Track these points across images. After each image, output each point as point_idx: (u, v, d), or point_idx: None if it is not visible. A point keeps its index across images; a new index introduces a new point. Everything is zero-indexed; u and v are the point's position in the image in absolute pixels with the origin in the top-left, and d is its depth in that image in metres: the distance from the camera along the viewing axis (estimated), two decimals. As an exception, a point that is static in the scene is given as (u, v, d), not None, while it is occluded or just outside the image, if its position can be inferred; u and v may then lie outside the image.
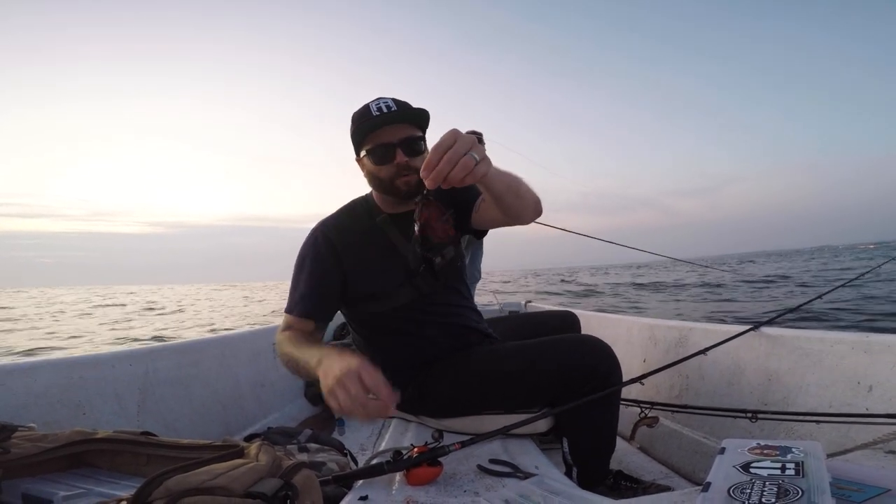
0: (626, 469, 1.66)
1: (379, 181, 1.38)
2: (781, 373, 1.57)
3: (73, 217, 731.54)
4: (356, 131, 1.37)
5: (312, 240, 1.45)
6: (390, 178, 1.35)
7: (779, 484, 0.73)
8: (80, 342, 10.23)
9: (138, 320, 16.96)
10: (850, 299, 9.32)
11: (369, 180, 1.44)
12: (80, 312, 21.70)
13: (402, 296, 1.44)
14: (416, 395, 1.45)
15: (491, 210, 1.39)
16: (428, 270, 1.42)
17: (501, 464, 1.19)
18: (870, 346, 1.36)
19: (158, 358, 1.90)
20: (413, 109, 1.35)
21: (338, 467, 1.44)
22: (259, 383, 2.49)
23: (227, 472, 0.82)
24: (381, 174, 1.36)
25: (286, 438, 1.58)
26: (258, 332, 2.71)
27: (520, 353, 1.40)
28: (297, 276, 1.43)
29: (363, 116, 1.35)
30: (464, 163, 0.98)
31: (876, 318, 7.80)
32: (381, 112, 1.32)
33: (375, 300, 1.44)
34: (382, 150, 1.33)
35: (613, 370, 1.34)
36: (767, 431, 1.51)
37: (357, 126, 1.36)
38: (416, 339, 1.43)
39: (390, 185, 1.37)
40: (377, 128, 1.33)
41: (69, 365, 1.60)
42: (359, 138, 1.37)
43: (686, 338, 2.01)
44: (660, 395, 2.05)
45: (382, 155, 1.33)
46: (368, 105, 1.35)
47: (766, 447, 0.88)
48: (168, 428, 1.82)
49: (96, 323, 15.63)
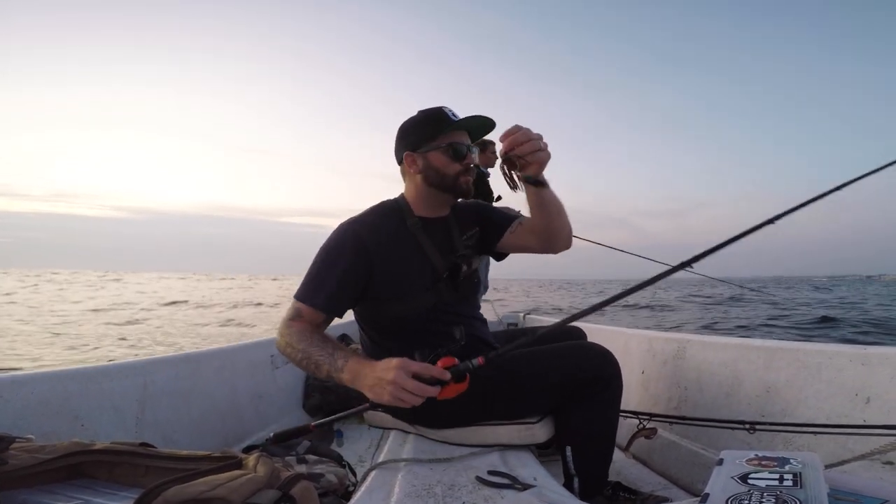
0: (624, 480, 1.66)
1: (443, 177, 1.43)
2: (780, 384, 1.57)
3: (33, 197, 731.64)
4: (432, 126, 1.42)
5: (343, 234, 1.41)
6: (456, 176, 1.43)
7: (776, 495, 0.73)
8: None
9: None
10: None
11: (427, 176, 1.44)
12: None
13: (424, 300, 1.44)
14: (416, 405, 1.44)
15: (526, 235, 1.53)
16: (451, 278, 1.46)
17: (500, 475, 1.19)
18: (867, 359, 1.36)
19: (157, 370, 1.90)
20: (489, 123, 1.47)
21: (336, 479, 1.44)
22: (258, 395, 2.48)
23: (225, 483, 0.82)
24: (449, 170, 1.42)
25: (284, 450, 1.58)
26: (257, 343, 2.71)
27: (524, 360, 1.40)
28: (320, 267, 1.39)
29: (440, 116, 1.41)
30: (535, 143, 1.21)
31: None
32: (455, 117, 1.42)
33: (397, 302, 1.43)
34: (457, 149, 1.41)
35: (615, 376, 1.34)
36: (765, 443, 1.51)
37: (435, 122, 1.42)
38: (428, 346, 1.40)
39: (454, 182, 1.43)
40: (458, 129, 1.43)
41: (67, 377, 1.60)
42: (433, 133, 1.42)
43: (684, 350, 2.02)
44: (658, 407, 2.05)
45: (457, 152, 1.41)
46: (441, 108, 1.43)
47: (764, 458, 0.88)
48: (166, 439, 1.81)
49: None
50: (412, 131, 1.45)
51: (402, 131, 1.48)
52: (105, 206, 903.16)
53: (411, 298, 1.43)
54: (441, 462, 1.31)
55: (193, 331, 12.40)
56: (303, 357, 1.28)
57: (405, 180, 1.52)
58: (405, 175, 1.51)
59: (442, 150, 1.42)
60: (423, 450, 1.41)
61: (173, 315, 16.82)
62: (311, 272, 1.39)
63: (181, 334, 11.60)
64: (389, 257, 1.40)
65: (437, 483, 1.18)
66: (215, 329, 12.99)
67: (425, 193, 1.48)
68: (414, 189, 1.50)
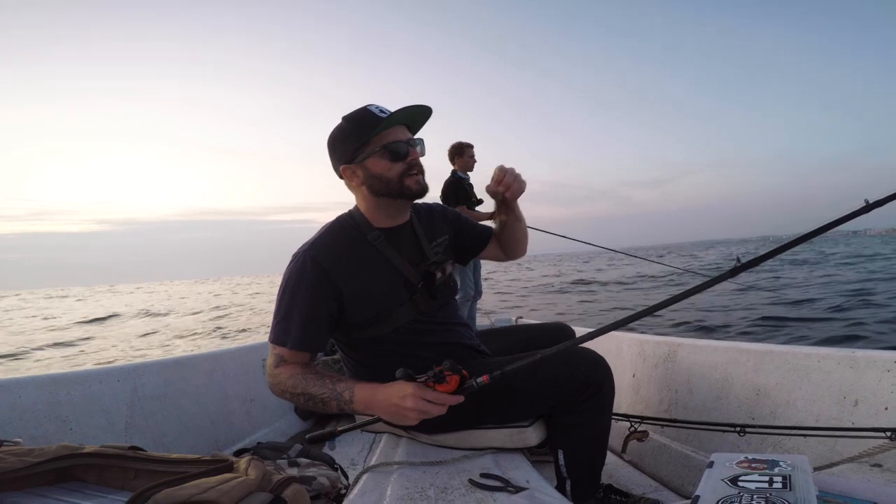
0: (616, 483, 1.66)
1: (387, 182, 1.33)
2: (769, 387, 1.58)
3: (13, 218, 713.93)
4: (361, 131, 1.31)
5: (301, 266, 1.32)
6: (400, 177, 1.33)
7: (766, 497, 0.74)
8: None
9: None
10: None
11: (371, 185, 1.35)
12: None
13: (402, 315, 1.39)
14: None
15: (495, 247, 1.68)
16: (426, 287, 1.41)
17: (493, 478, 1.19)
18: (855, 362, 1.38)
19: (146, 374, 1.89)
20: (426, 111, 1.37)
21: (328, 482, 1.43)
22: (248, 398, 2.47)
23: (216, 486, 0.82)
24: (390, 173, 1.32)
25: (276, 453, 1.57)
26: (247, 347, 2.70)
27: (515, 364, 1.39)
28: (286, 306, 1.32)
29: (367, 118, 1.31)
30: (520, 182, 1.41)
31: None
32: (384, 113, 1.31)
33: (375, 324, 1.38)
34: (394, 148, 1.31)
35: (606, 380, 1.34)
36: (755, 445, 1.52)
37: (362, 126, 1.31)
38: (412, 359, 1.35)
39: (399, 184, 1.34)
40: (392, 125, 1.32)
41: (55, 381, 1.58)
42: (364, 139, 1.31)
43: (675, 353, 2.03)
44: (649, 410, 2.06)
45: (395, 151, 1.31)
46: (367, 108, 1.32)
47: (754, 461, 0.89)
48: (156, 443, 1.80)
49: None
50: (342, 141, 1.35)
51: (331, 144, 1.38)
52: (86, 220, 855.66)
53: (388, 316, 1.38)
54: (433, 465, 1.31)
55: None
56: (306, 399, 1.27)
57: (353, 193, 1.44)
58: (350, 189, 1.43)
59: (378, 153, 1.31)
60: (416, 453, 1.41)
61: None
62: (279, 311, 1.33)
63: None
64: (356, 278, 1.34)
65: (429, 486, 1.18)
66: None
67: (376, 204, 1.39)
68: (363, 201, 1.41)
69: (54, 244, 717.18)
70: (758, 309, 9.43)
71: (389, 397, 1.16)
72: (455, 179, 4.27)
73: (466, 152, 4.36)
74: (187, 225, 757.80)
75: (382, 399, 1.18)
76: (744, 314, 8.99)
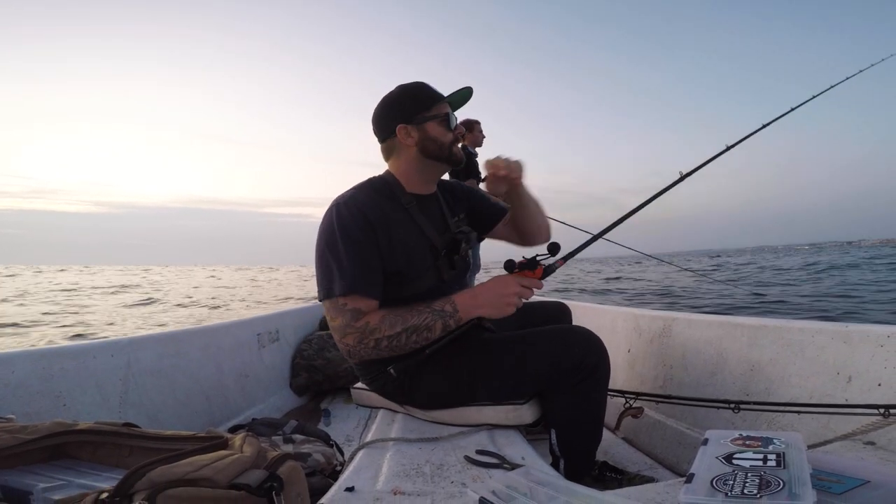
0: (610, 460, 1.68)
1: (440, 146, 1.44)
2: (763, 363, 1.59)
3: (10, 194, 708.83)
4: (424, 98, 1.44)
5: (348, 214, 1.34)
6: (451, 144, 1.46)
7: (760, 475, 0.74)
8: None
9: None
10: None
11: (425, 147, 1.43)
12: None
13: (426, 279, 1.42)
14: (405, 385, 1.44)
15: (510, 229, 1.71)
16: (448, 255, 1.47)
17: (488, 454, 1.20)
18: (849, 337, 1.37)
19: (140, 348, 1.88)
20: (469, 91, 1.52)
21: (324, 458, 1.44)
22: (243, 374, 2.47)
23: (210, 463, 0.81)
24: (445, 139, 1.44)
25: (271, 430, 1.57)
26: (242, 322, 2.69)
27: (511, 343, 1.40)
28: (344, 255, 1.31)
29: (430, 90, 1.45)
30: (518, 165, 1.47)
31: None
32: (441, 94, 1.47)
33: (399, 282, 1.39)
34: (451, 120, 1.45)
35: (601, 361, 1.34)
36: (750, 422, 1.53)
37: (425, 95, 1.45)
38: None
39: (449, 150, 1.46)
40: (447, 101, 1.47)
41: (48, 355, 1.57)
42: (430, 103, 1.44)
43: (669, 328, 2.03)
44: (644, 386, 2.07)
45: (450, 123, 1.45)
46: (426, 84, 1.47)
47: (749, 438, 0.89)
48: (151, 419, 1.80)
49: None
50: (403, 104, 1.44)
51: (390, 104, 1.46)
52: (85, 201, 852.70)
53: (415, 277, 1.40)
54: (429, 441, 1.32)
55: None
56: (408, 335, 1.28)
57: (393, 155, 1.49)
58: (395, 149, 1.48)
59: (438, 120, 1.43)
60: (412, 429, 1.41)
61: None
62: (338, 262, 1.31)
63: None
64: (391, 235, 1.36)
65: (425, 462, 1.18)
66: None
67: (420, 166, 1.47)
68: (407, 163, 1.47)
69: (52, 222, 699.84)
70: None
71: (493, 289, 1.29)
72: (466, 154, 4.24)
73: (476, 128, 4.33)
74: (185, 212, 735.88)
75: (486, 294, 1.30)
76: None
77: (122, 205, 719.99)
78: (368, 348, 1.30)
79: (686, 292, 11.76)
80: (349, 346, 1.32)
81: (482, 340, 1.44)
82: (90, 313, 12.41)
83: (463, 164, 1.57)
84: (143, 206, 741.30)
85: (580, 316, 2.54)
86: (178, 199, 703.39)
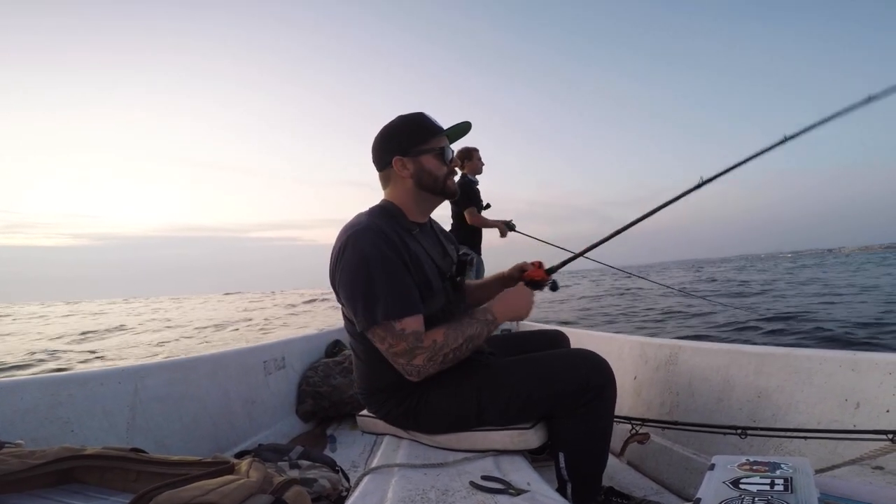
0: (616, 485, 1.66)
1: (435, 179, 1.48)
2: (770, 390, 1.58)
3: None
4: (422, 132, 1.47)
5: (374, 240, 1.33)
6: (445, 177, 1.50)
7: (768, 500, 0.74)
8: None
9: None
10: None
11: (420, 179, 1.47)
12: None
13: (436, 302, 1.43)
14: (411, 409, 1.44)
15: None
16: (452, 279, 1.54)
17: (494, 480, 1.19)
18: (857, 364, 1.38)
19: (148, 375, 1.89)
20: (467, 126, 1.57)
21: (329, 484, 1.43)
22: (250, 400, 2.47)
23: (217, 488, 0.82)
24: (440, 172, 1.48)
25: (277, 455, 1.57)
26: (249, 349, 2.70)
27: (518, 365, 1.41)
28: (385, 279, 1.30)
29: (428, 123, 1.48)
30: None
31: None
32: (440, 127, 1.50)
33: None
34: (446, 154, 1.49)
35: (608, 383, 1.34)
36: (757, 448, 1.52)
37: (423, 128, 1.47)
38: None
39: (443, 183, 1.50)
40: (445, 135, 1.51)
41: (57, 382, 1.59)
42: (427, 136, 1.47)
43: (676, 355, 2.03)
44: (650, 412, 2.06)
45: (445, 156, 1.49)
46: (423, 114, 1.49)
47: (756, 463, 0.89)
48: (158, 445, 1.80)
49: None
50: (400, 136, 1.47)
51: (388, 136, 1.48)
52: (64, 234, 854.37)
53: (430, 298, 1.41)
54: (434, 467, 1.31)
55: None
56: (468, 345, 1.35)
57: (389, 185, 1.52)
58: (391, 180, 1.50)
59: (433, 154, 1.46)
60: (417, 455, 1.41)
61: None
62: (383, 288, 1.29)
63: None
64: (409, 259, 1.38)
65: (430, 488, 1.17)
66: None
67: (416, 197, 1.50)
68: (404, 193, 1.50)
69: (29, 257, 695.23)
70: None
71: (513, 301, 1.46)
72: (465, 182, 4.27)
73: (475, 155, 4.36)
74: (168, 241, 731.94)
75: (513, 302, 1.46)
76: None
77: (102, 236, 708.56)
78: (436, 364, 1.32)
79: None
80: (418, 367, 1.31)
81: (489, 363, 1.45)
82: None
83: (457, 197, 1.59)
84: (123, 237, 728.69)
85: (586, 343, 2.54)
86: (160, 228, 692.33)
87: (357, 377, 1.56)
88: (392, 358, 1.33)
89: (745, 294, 15.86)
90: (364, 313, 1.30)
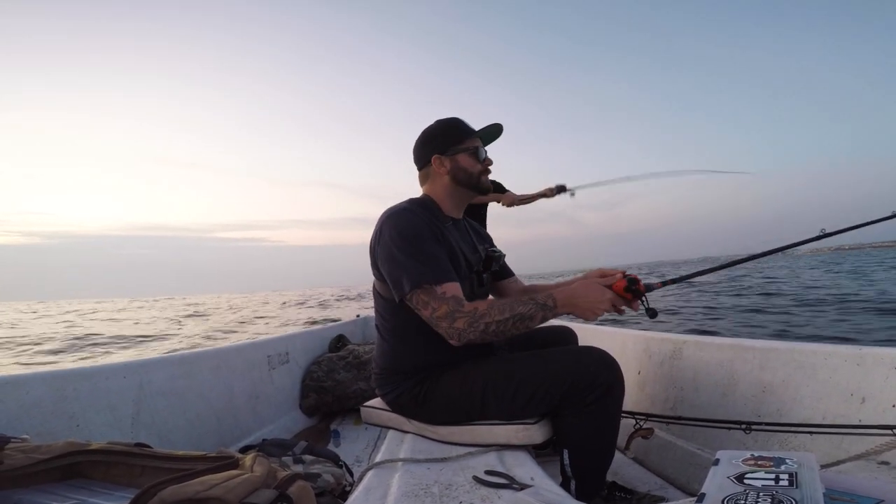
0: (620, 480, 1.66)
1: (470, 175, 1.58)
2: (775, 385, 1.58)
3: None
4: (458, 133, 1.59)
5: (413, 215, 1.48)
6: (479, 174, 1.60)
7: (772, 495, 0.73)
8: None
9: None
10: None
11: (455, 175, 1.58)
12: None
13: (464, 287, 1.47)
14: (420, 395, 1.46)
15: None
16: (478, 273, 1.61)
17: (497, 475, 1.19)
18: (862, 359, 1.37)
19: (153, 370, 1.90)
20: (500, 129, 1.67)
21: (333, 479, 1.44)
22: (254, 395, 2.48)
23: (221, 482, 0.82)
24: (475, 169, 1.58)
25: (281, 450, 1.58)
26: (253, 344, 2.71)
27: (527, 359, 1.42)
28: (421, 249, 1.41)
29: (463, 125, 1.60)
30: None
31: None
32: (473, 129, 1.61)
33: None
34: (480, 152, 1.60)
35: (616, 381, 1.35)
36: (761, 443, 1.51)
37: (459, 130, 1.59)
38: (444, 341, 1.41)
39: (478, 179, 1.60)
40: (478, 136, 1.61)
41: (62, 377, 1.59)
42: (462, 137, 1.58)
43: (680, 350, 2.02)
44: (655, 407, 2.05)
45: (479, 155, 1.59)
46: (458, 119, 1.62)
47: (760, 458, 0.89)
48: (162, 439, 1.81)
49: None
50: (438, 137, 1.60)
51: (427, 137, 1.61)
52: (12, 231, 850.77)
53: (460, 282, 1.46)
54: (438, 462, 1.31)
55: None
56: (514, 322, 1.33)
57: (428, 182, 1.63)
58: (429, 176, 1.62)
59: (468, 152, 1.58)
60: (421, 449, 1.41)
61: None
62: (424, 256, 1.40)
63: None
64: (441, 243, 1.47)
65: (434, 483, 1.18)
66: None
67: (452, 192, 1.61)
68: (441, 189, 1.61)
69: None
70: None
71: (591, 294, 1.34)
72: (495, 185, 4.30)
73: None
74: (128, 240, 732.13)
75: (584, 296, 1.35)
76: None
77: (56, 234, 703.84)
78: (477, 331, 1.33)
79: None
80: (459, 330, 1.34)
81: (498, 356, 1.48)
82: None
83: (490, 192, 1.68)
84: (79, 236, 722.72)
85: (589, 339, 2.53)
86: (120, 227, 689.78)
87: (377, 356, 1.61)
88: (435, 322, 1.36)
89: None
90: (408, 278, 1.37)
